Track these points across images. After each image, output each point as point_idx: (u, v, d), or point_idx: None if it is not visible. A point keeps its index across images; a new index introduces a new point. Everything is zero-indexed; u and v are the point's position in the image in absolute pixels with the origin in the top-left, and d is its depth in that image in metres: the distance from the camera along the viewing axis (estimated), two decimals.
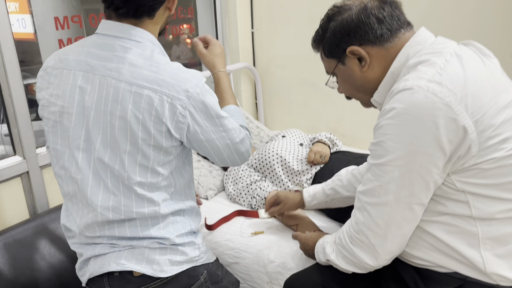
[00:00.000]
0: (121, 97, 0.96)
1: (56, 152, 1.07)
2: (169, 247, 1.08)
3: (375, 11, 1.02)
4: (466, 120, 0.88)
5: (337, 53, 1.08)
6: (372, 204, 0.97)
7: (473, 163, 0.92)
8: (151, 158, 0.99)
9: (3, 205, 1.59)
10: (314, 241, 1.25)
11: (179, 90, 0.96)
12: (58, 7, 1.89)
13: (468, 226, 0.96)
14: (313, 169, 1.78)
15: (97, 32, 1.04)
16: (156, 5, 1.01)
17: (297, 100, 2.56)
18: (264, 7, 2.50)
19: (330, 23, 1.07)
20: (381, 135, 0.93)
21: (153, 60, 0.98)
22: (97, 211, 1.03)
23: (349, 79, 1.10)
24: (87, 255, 1.09)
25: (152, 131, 0.96)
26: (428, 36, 1.02)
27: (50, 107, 1.04)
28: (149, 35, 1.03)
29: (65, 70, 1.03)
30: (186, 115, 0.97)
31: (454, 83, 0.89)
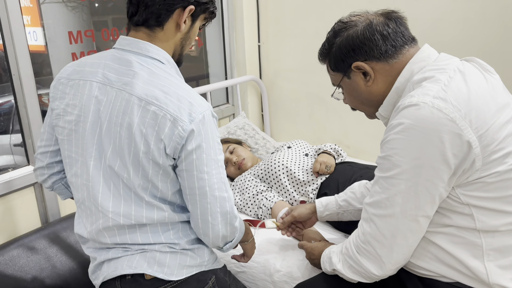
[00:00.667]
0: (130, 110, 1.00)
1: (71, 160, 1.11)
2: (179, 251, 1.11)
3: (380, 27, 1.05)
4: (470, 135, 0.91)
5: (342, 67, 1.11)
6: (379, 215, 0.99)
7: (477, 177, 0.94)
8: (150, 172, 1.03)
9: (16, 213, 1.63)
10: (320, 251, 1.27)
11: (184, 112, 0.99)
12: (69, 20, 1.94)
13: (472, 237, 0.98)
14: (319, 180, 1.80)
15: (115, 46, 1.09)
16: (161, 11, 1.04)
17: (302, 112, 2.59)
18: (270, 21, 2.55)
19: (336, 38, 1.11)
20: (388, 149, 0.96)
21: (166, 80, 1.02)
22: (108, 216, 1.06)
23: (354, 92, 1.13)
24: (101, 259, 1.12)
25: (152, 146, 0.99)
26: (432, 53, 1.05)
27: (66, 116, 1.08)
28: (165, 53, 1.07)
29: (82, 81, 1.07)
30: (184, 137, 0.98)
31: (458, 99, 0.92)
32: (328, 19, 2.29)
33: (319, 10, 2.33)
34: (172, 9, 1.05)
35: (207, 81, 2.69)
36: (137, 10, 1.05)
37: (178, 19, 1.07)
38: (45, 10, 1.86)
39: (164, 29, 1.07)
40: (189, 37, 1.13)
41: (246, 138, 2.36)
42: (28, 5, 1.85)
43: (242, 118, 2.49)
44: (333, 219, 1.49)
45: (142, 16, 1.05)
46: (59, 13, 1.91)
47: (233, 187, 1.98)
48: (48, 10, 1.87)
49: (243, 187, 1.90)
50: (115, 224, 1.06)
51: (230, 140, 2.18)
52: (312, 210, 1.49)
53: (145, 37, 1.07)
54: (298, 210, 1.48)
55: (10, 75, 1.56)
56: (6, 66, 1.56)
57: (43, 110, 1.66)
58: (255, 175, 1.95)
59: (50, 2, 1.88)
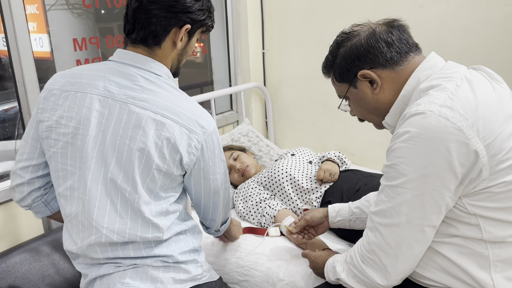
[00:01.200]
0: (144, 123, 1.01)
1: (65, 173, 1.07)
2: (172, 265, 1.10)
3: (384, 35, 1.05)
4: (477, 144, 0.90)
5: (348, 77, 1.11)
6: (384, 224, 0.98)
7: (484, 187, 0.93)
8: (158, 184, 1.05)
9: (20, 220, 1.63)
10: (323, 260, 1.26)
11: (196, 125, 1.05)
12: (75, 27, 1.95)
13: (479, 248, 0.97)
14: (323, 187, 1.79)
15: (113, 59, 1.09)
16: (158, 31, 1.05)
17: (306, 119, 2.59)
18: (275, 28, 2.55)
19: (340, 49, 1.11)
20: (394, 158, 0.95)
21: (176, 94, 1.07)
22: (101, 232, 1.04)
23: (361, 102, 1.13)
24: (92, 276, 1.10)
25: (168, 157, 1.03)
26: (439, 61, 1.05)
27: (60, 129, 1.06)
28: (166, 68, 1.10)
29: (79, 93, 1.06)
30: (199, 148, 1.06)
31: (465, 108, 0.92)
32: (332, 26, 2.29)
33: (323, 17, 2.33)
34: (168, 29, 1.06)
35: (211, 88, 2.70)
36: (134, 28, 1.06)
37: (175, 37, 1.08)
38: (51, 17, 1.88)
39: (161, 48, 1.08)
40: (186, 52, 1.15)
41: (249, 145, 2.35)
42: (34, 12, 1.87)
43: (246, 125, 2.49)
44: (345, 226, 1.46)
45: (139, 35, 1.06)
46: (65, 19, 1.92)
47: (236, 194, 1.97)
48: (54, 17, 1.88)
49: (247, 195, 1.89)
50: (108, 241, 1.05)
51: (233, 147, 2.18)
52: (325, 214, 1.47)
53: (145, 53, 1.08)
54: (311, 214, 1.47)
55: (14, 81, 1.57)
56: (11, 72, 1.56)
57: None
58: (258, 183, 1.94)
59: (56, 9, 1.89)
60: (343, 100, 1.18)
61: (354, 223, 1.46)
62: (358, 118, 1.21)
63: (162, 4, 1.04)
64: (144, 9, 1.04)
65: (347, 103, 1.19)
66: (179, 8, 1.05)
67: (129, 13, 1.07)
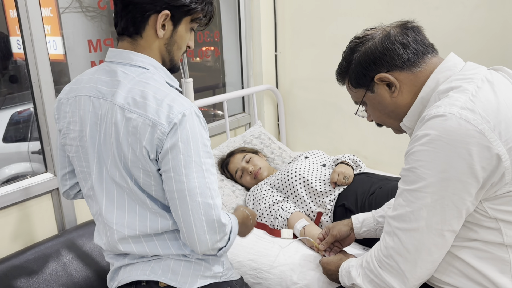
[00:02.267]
0: (115, 120, 1.00)
1: (84, 175, 1.13)
2: (194, 261, 1.11)
3: (399, 37, 1.04)
4: (499, 147, 0.88)
5: (364, 82, 1.09)
6: (402, 229, 0.96)
7: (506, 191, 0.91)
8: (140, 180, 1.03)
9: (33, 220, 1.64)
10: (336, 265, 1.24)
11: (162, 116, 0.96)
12: (88, 29, 1.97)
13: (500, 252, 0.95)
14: (336, 190, 1.77)
15: (105, 59, 1.10)
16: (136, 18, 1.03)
17: (319, 122, 2.57)
18: (287, 31, 2.55)
19: (354, 54, 1.09)
20: (414, 161, 0.93)
21: (147, 85, 1.00)
22: (113, 228, 1.07)
23: (379, 106, 1.11)
24: (118, 265, 1.14)
25: (137, 153, 0.99)
26: (458, 62, 1.03)
27: (71, 134, 1.11)
28: (151, 59, 1.06)
29: (77, 96, 1.09)
30: (163, 139, 0.96)
31: (486, 110, 0.89)
32: (345, 28, 2.29)
33: (335, 19, 2.32)
34: (145, 15, 1.03)
35: (223, 90, 2.70)
36: (117, 20, 1.06)
37: (155, 25, 1.04)
38: (64, 20, 1.90)
39: (143, 37, 1.06)
40: (175, 42, 1.08)
41: (262, 147, 2.35)
42: (48, 15, 1.89)
43: (258, 127, 2.49)
44: (371, 236, 1.41)
45: (121, 25, 1.06)
46: (79, 22, 1.94)
47: (249, 196, 1.96)
48: (68, 19, 1.90)
49: (259, 197, 1.88)
50: (120, 237, 1.07)
51: (246, 149, 2.17)
52: (350, 226, 1.42)
53: (129, 46, 1.07)
54: (337, 228, 1.41)
55: (30, 82, 1.58)
56: (27, 73, 1.58)
57: None
58: (271, 185, 1.93)
59: (69, 11, 1.91)
60: (360, 106, 1.16)
61: (380, 232, 1.41)
62: (376, 123, 1.19)
63: None
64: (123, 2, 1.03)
65: (364, 109, 1.17)
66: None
67: (115, 7, 1.06)
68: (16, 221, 1.59)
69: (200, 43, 2.50)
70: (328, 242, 1.42)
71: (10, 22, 2.14)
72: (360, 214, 1.45)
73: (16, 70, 2.40)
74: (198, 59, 2.56)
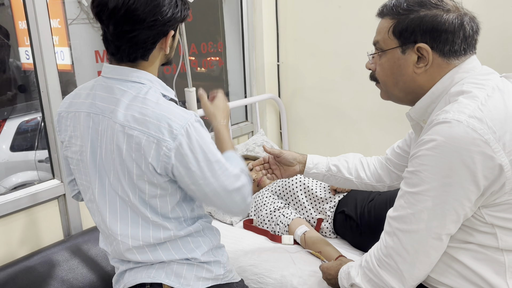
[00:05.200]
0: (116, 137, 1.02)
1: (83, 187, 1.16)
2: (196, 264, 1.14)
3: (468, 26, 0.99)
4: (503, 158, 0.89)
5: (406, 39, 1.01)
6: (403, 230, 0.98)
7: (505, 199, 0.93)
8: (146, 193, 1.05)
9: (40, 225, 1.67)
10: (336, 270, 1.26)
11: (164, 132, 0.98)
12: (95, 40, 2.01)
13: (495, 254, 0.97)
14: (337, 197, 1.80)
15: (102, 75, 1.10)
16: (146, 51, 1.04)
17: (321, 130, 2.60)
18: (289, 41, 2.59)
19: (422, 8, 1.00)
20: (418, 165, 0.95)
21: (145, 101, 1.01)
22: (118, 239, 1.10)
23: (397, 70, 1.05)
24: (123, 268, 1.16)
25: (143, 168, 1.01)
26: (477, 65, 1.02)
27: (72, 147, 1.13)
28: (148, 74, 1.06)
29: (77, 112, 1.10)
30: (171, 156, 0.99)
31: (494, 120, 0.90)
32: (346, 39, 2.33)
33: (337, 30, 2.36)
34: (154, 45, 1.04)
35: (226, 99, 2.73)
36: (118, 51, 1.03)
37: (162, 45, 1.06)
38: (72, 31, 1.94)
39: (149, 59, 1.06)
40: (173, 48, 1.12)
41: (264, 155, 2.38)
42: (56, 26, 1.94)
43: (260, 136, 2.52)
44: (317, 178, 1.51)
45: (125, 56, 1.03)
46: (86, 33, 1.99)
47: None
48: (75, 30, 1.95)
49: (261, 204, 1.91)
50: (125, 248, 1.10)
51: (249, 157, 2.20)
52: (299, 160, 1.50)
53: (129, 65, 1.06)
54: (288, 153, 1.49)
55: (39, 91, 1.62)
56: (36, 83, 1.63)
57: None
58: (272, 192, 1.96)
59: (77, 23, 1.96)
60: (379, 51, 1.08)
61: (327, 178, 1.49)
62: (371, 76, 1.14)
63: (143, 28, 0.99)
64: (125, 38, 1.00)
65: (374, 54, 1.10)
66: (159, 23, 1.01)
67: (107, 36, 1.02)
68: (23, 227, 1.63)
69: (204, 53, 2.55)
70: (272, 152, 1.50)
71: (19, 33, 2.19)
72: (316, 156, 1.51)
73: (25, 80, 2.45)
74: (203, 69, 2.61)
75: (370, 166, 1.48)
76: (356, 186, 1.50)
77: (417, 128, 1.13)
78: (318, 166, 1.48)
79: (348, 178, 1.47)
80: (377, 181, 1.46)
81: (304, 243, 1.65)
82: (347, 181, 1.48)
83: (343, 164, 1.47)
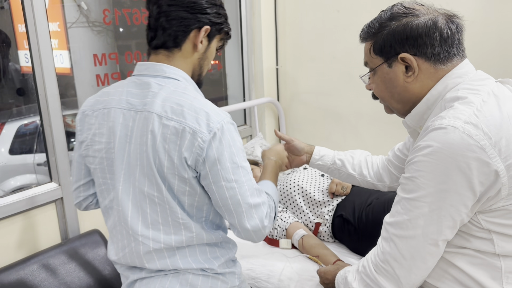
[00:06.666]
0: (152, 127, 1.02)
1: (107, 186, 1.13)
2: (211, 275, 1.12)
3: (442, 27, 0.99)
4: (498, 164, 0.89)
5: (387, 54, 1.05)
6: (399, 236, 0.98)
7: (502, 205, 0.93)
8: (175, 188, 1.04)
9: (38, 229, 1.67)
10: (333, 274, 1.25)
11: (202, 124, 1.00)
12: (94, 43, 2.02)
13: (491, 259, 0.97)
14: (335, 201, 1.80)
15: (134, 74, 1.13)
16: (178, 32, 1.08)
17: (319, 134, 2.60)
18: (288, 45, 2.60)
19: (392, 22, 1.03)
20: (414, 171, 0.95)
21: (183, 95, 1.04)
22: (138, 240, 1.08)
23: (389, 83, 1.08)
24: (134, 277, 1.13)
25: (175, 160, 1.01)
26: (470, 70, 1.02)
27: (95, 146, 1.12)
28: (182, 72, 1.10)
29: (106, 109, 1.10)
30: (204, 148, 1.00)
31: (489, 126, 0.90)
32: (344, 43, 2.33)
33: (335, 34, 2.36)
34: (188, 30, 1.09)
35: (225, 103, 2.74)
36: (156, 35, 1.09)
37: (195, 39, 1.10)
38: (71, 34, 1.95)
39: (181, 50, 1.10)
40: (206, 57, 1.16)
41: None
42: (56, 30, 1.94)
43: (259, 139, 2.52)
44: (321, 170, 1.54)
45: (161, 39, 1.09)
46: (85, 36, 1.99)
47: None
48: (75, 34, 1.95)
49: None
50: (146, 250, 1.08)
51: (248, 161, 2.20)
52: (306, 151, 1.53)
53: (164, 58, 1.10)
54: (298, 142, 1.52)
55: (37, 95, 1.63)
56: (34, 86, 1.63)
57: (67, 131, 1.72)
58: None
59: (76, 26, 1.96)
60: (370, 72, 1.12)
61: (331, 171, 1.51)
62: (372, 94, 1.17)
63: (182, 6, 1.07)
64: (165, 13, 1.07)
65: (369, 75, 1.13)
66: (197, 9, 1.08)
67: (151, 21, 1.10)
68: (20, 230, 1.62)
69: None
70: (283, 136, 1.52)
71: (19, 36, 2.20)
72: (324, 148, 1.54)
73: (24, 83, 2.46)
74: None
75: (374, 165, 1.51)
76: (358, 183, 1.52)
77: (414, 135, 1.13)
78: (324, 159, 1.51)
79: (351, 174, 1.50)
80: (378, 180, 1.49)
81: (302, 247, 1.65)
82: (350, 176, 1.50)
83: (348, 160, 1.50)
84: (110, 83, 2.01)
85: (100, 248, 1.67)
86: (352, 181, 1.52)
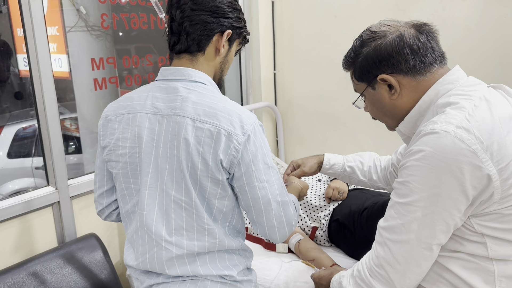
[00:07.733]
0: (185, 131, 1.02)
1: (129, 191, 1.13)
2: (229, 283, 1.12)
3: (411, 40, 1.02)
4: (490, 168, 0.90)
5: (367, 78, 1.10)
6: (393, 240, 0.99)
7: (494, 209, 0.94)
8: (207, 190, 1.05)
9: (34, 232, 1.67)
10: (327, 279, 1.25)
11: (236, 126, 1.02)
12: (93, 48, 2.03)
13: (485, 263, 0.97)
14: (331, 205, 1.80)
15: (158, 79, 1.13)
16: (202, 36, 1.09)
17: (317, 138, 2.61)
18: (286, 50, 2.61)
19: (363, 48, 1.08)
20: (407, 175, 0.96)
21: (213, 98, 1.06)
22: (161, 245, 1.07)
23: (377, 104, 1.12)
24: (150, 283, 1.13)
25: (210, 163, 1.02)
26: (461, 76, 1.03)
27: (119, 150, 1.11)
28: (206, 76, 1.11)
29: (131, 114, 1.10)
30: (239, 149, 1.01)
31: (481, 130, 0.91)
32: (342, 48, 2.33)
33: (333, 40, 2.38)
34: (212, 34, 1.09)
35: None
36: (179, 39, 1.10)
37: (217, 43, 1.11)
38: (70, 38, 1.96)
39: (205, 53, 1.11)
40: (227, 61, 1.17)
41: None
42: (55, 34, 1.96)
43: None
44: (333, 176, 1.61)
45: (184, 44, 1.09)
46: (84, 41, 2.00)
47: None
48: (73, 38, 1.97)
49: None
50: (168, 256, 1.07)
51: None
52: (319, 163, 1.58)
53: (188, 63, 1.10)
54: (308, 166, 1.55)
55: (34, 98, 1.63)
56: (31, 90, 1.63)
57: (64, 134, 1.72)
58: None
59: (75, 30, 1.97)
60: (359, 97, 1.17)
61: (342, 178, 1.57)
62: (371, 116, 1.21)
63: (205, 10, 1.08)
64: (189, 18, 1.07)
65: (363, 99, 1.18)
66: (220, 13, 1.09)
67: (174, 26, 1.10)
68: (17, 234, 1.62)
69: None
70: (296, 174, 1.54)
71: (18, 41, 2.21)
72: (333, 156, 1.58)
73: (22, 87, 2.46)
74: None
75: (382, 169, 1.55)
76: (369, 187, 1.59)
77: (408, 141, 1.14)
78: (334, 167, 1.57)
79: (362, 180, 1.56)
80: (387, 184, 1.54)
81: (298, 251, 1.65)
82: (360, 182, 1.57)
83: (358, 166, 1.54)
84: (107, 88, 2.01)
85: (96, 252, 1.67)
86: (363, 185, 1.59)
